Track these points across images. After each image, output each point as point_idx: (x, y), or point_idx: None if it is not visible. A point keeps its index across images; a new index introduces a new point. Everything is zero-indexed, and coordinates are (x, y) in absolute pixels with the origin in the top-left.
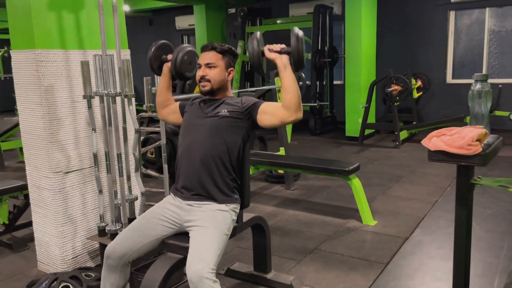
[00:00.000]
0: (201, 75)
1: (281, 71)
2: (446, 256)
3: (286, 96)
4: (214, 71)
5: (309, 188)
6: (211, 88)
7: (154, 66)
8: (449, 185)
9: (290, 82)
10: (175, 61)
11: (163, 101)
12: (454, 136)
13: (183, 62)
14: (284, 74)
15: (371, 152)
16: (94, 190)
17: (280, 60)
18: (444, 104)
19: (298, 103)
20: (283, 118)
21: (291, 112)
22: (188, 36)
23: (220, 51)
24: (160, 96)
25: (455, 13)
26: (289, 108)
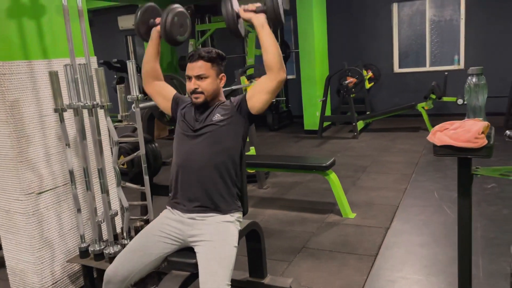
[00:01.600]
0: (192, 88)
1: (259, 30)
2: (427, 243)
3: (267, 56)
4: (206, 82)
5: (281, 186)
6: (205, 99)
7: (141, 31)
8: (413, 172)
9: (269, 41)
10: (164, 24)
11: (151, 70)
12: (458, 130)
13: (174, 25)
14: (263, 33)
15: (331, 144)
16: (70, 209)
17: (257, 19)
18: (392, 93)
19: (280, 61)
20: (269, 84)
21: (274, 73)
22: (132, 37)
23: (208, 59)
24: (148, 63)
25: (398, 5)
26: (271, 68)
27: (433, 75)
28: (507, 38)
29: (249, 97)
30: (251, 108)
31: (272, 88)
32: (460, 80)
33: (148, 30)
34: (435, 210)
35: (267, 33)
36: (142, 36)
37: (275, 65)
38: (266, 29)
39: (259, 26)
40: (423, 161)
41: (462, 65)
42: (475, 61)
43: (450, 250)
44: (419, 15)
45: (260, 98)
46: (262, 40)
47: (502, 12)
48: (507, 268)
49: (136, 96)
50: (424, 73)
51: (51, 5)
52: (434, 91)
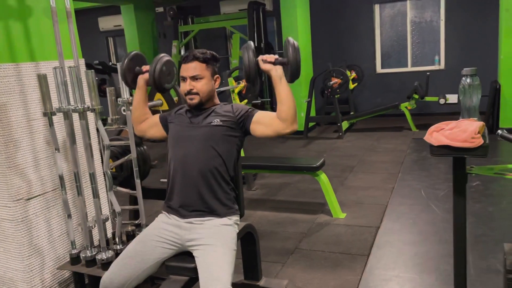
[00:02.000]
0: (188, 89)
1: (276, 83)
2: (417, 241)
3: (282, 108)
4: (201, 82)
5: (270, 187)
6: (200, 101)
7: (128, 79)
8: (399, 171)
9: (286, 94)
10: (153, 73)
11: (140, 116)
12: (454, 130)
13: (162, 73)
14: (280, 86)
15: (317, 144)
16: (59, 215)
17: (275, 72)
18: (375, 93)
19: (294, 115)
20: (278, 129)
21: (287, 124)
22: (113, 38)
23: (203, 60)
24: (137, 110)
25: (380, 6)
26: (286, 120)
27: (415, 75)
28: (485, 39)
29: (255, 121)
30: (252, 130)
31: (280, 133)
32: (441, 80)
33: (134, 78)
34: (423, 208)
35: (284, 85)
36: (129, 83)
37: (290, 118)
38: (283, 82)
39: (277, 79)
40: (408, 160)
41: (443, 66)
42: (455, 61)
43: (440, 247)
44: (400, 16)
45: (264, 131)
46: (278, 92)
47: (480, 14)
48: (497, 265)
49: (127, 99)
50: (406, 73)
51: (38, 6)
52: (416, 91)
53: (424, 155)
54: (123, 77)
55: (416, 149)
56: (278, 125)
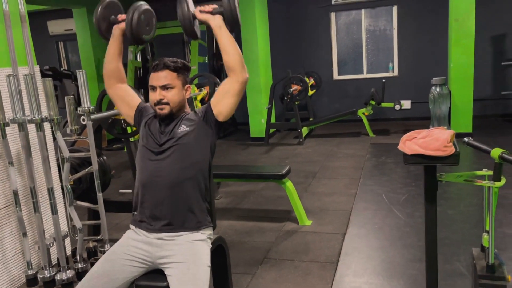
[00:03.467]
0: (157, 99)
1: (216, 32)
2: (383, 247)
3: (227, 57)
4: (171, 92)
5: (234, 195)
6: (170, 111)
7: (102, 28)
8: (360, 176)
9: (228, 42)
10: (130, 22)
11: (114, 71)
12: (427, 139)
13: (140, 23)
14: (221, 35)
15: (278, 151)
16: (13, 233)
17: (214, 21)
18: (332, 99)
19: (241, 61)
20: (233, 87)
21: (237, 74)
22: (64, 42)
23: (174, 69)
24: (110, 63)
25: (336, 14)
26: (234, 69)
27: (370, 82)
28: (436, 47)
29: (214, 104)
30: (218, 114)
31: (237, 90)
32: (395, 87)
33: (109, 27)
34: (387, 214)
35: (225, 34)
36: (103, 33)
37: (237, 66)
38: (224, 30)
39: (217, 28)
40: (368, 165)
41: (396, 73)
42: (407, 68)
43: (406, 252)
44: (355, 24)
45: (226, 103)
46: (220, 41)
47: (431, 23)
48: (461, 268)
49: (87, 108)
50: (362, 80)
51: None
52: (373, 98)
53: (383, 160)
54: (97, 26)
55: (375, 154)
56: (230, 84)
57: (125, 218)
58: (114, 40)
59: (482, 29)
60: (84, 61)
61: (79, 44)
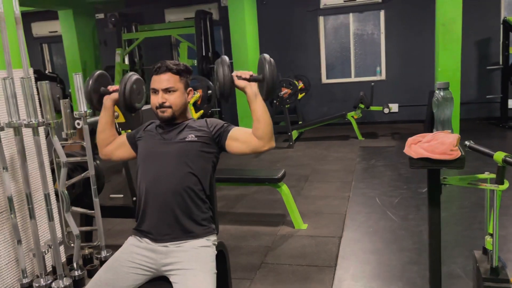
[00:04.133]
0: (160, 102)
1: (251, 100)
2: (379, 250)
3: (258, 126)
4: (174, 95)
5: (227, 199)
6: (173, 114)
7: (94, 101)
8: (352, 179)
9: (261, 111)
10: (123, 93)
11: (107, 138)
12: (432, 143)
13: (132, 93)
14: (255, 103)
15: (269, 154)
16: (6, 240)
17: (250, 89)
18: (321, 103)
19: (271, 132)
20: (255, 147)
21: (264, 142)
22: (49, 45)
23: (177, 72)
24: (103, 133)
25: (324, 18)
26: (263, 138)
27: (358, 85)
28: (422, 50)
29: (231, 137)
30: (228, 147)
31: (257, 150)
32: (383, 90)
33: (100, 99)
34: (381, 217)
35: (259, 102)
36: (95, 105)
37: (267, 136)
38: (259, 99)
39: (252, 96)
40: (359, 168)
41: (384, 76)
42: (395, 72)
43: (402, 255)
44: (343, 28)
45: (240, 148)
46: (254, 110)
47: (418, 27)
48: (458, 270)
49: (84, 112)
50: (350, 83)
51: None
52: (362, 101)
53: (373, 163)
54: (88, 99)
55: (365, 157)
56: (255, 143)
57: (118, 223)
58: (106, 111)
59: (468, 34)
60: (70, 64)
61: (65, 46)
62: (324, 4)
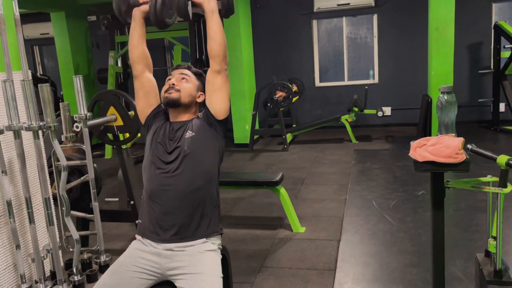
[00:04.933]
0: (171, 83)
1: (208, 16)
2: (379, 253)
3: (213, 44)
4: (186, 84)
5: (224, 202)
6: (178, 98)
7: (122, 10)
8: (348, 182)
9: (217, 29)
10: (154, 5)
11: (140, 55)
12: (437, 146)
13: (164, 6)
14: (211, 20)
15: (264, 157)
16: (4, 245)
17: (208, 5)
18: (314, 106)
19: (225, 50)
20: (217, 80)
21: (218, 63)
22: (40, 47)
23: (195, 72)
24: (136, 48)
25: (317, 22)
26: (217, 56)
27: (351, 88)
28: (414, 54)
29: (208, 104)
30: (215, 113)
31: (220, 82)
32: (376, 93)
33: (129, 9)
34: (378, 219)
35: (217, 20)
36: (123, 15)
37: (221, 54)
38: (216, 16)
39: (210, 12)
40: (355, 171)
41: (377, 80)
42: (387, 75)
43: (402, 257)
44: (337, 32)
45: (216, 98)
46: (210, 27)
47: (410, 31)
48: (457, 272)
49: (84, 115)
50: (343, 87)
51: None
52: (356, 104)
53: (369, 166)
54: (117, 8)
55: (360, 160)
56: (212, 78)
57: (114, 227)
58: (136, 23)
59: (460, 38)
60: (63, 66)
61: (57, 48)
62: (318, 8)
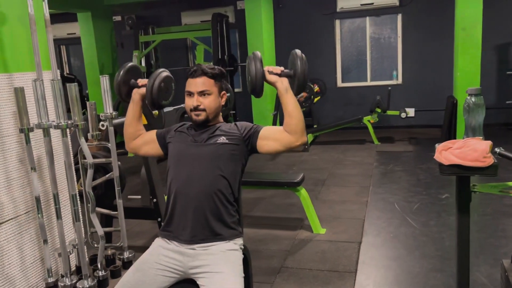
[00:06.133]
0: (194, 105)
1: (282, 95)
2: (401, 256)
3: (291, 121)
4: (209, 99)
5: (245, 202)
6: (207, 117)
7: (122, 93)
8: (370, 184)
9: (293, 106)
10: (151, 90)
11: (134, 132)
12: (464, 149)
13: (161, 90)
14: (286, 98)
15: (284, 157)
16: (32, 240)
17: (281, 84)
18: (336, 107)
19: (303, 126)
20: (288, 143)
21: (296, 137)
22: (66, 46)
23: (212, 76)
24: (131, 127)
25: (340, 22)
26: (295, 133)
27: (374, 89)
28: (440, 55)
29: (262, 137)
30: (259, 147)
31: (290, 146)
32: (399, 94)
33: (129, 91)
34: (401, 223)
35: (290, 97)
36: (123, 97)
37: (299, 130)
38: (290, 94)
39: (283, 91)
40: (377, 173)
41: (400, 80)
42: (411, 76)
43: (425, 262)
44: (360, 32)
45: (273, 146)
46: (285, 104)
47: (436, 31)
48: (483, 279)
49: (110, 114)
50: (366, 87)
51: (12, 14)
52: (379, 105)
53: (391, 168)
54: (118, 90)
55: (382, 162)
56: (287, 139)
57: (136, 224)
58: (134, 104)
59: (488, 38)
60: (88, 65)
61: (83, 48)
62: (341, 8)
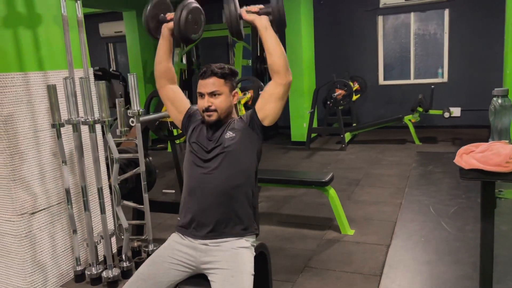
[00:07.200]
0: (205, 106)
1: (262, 33)
2: (431, 261)
3: (272, 59)
4: (219, 99)
5: (275, 200)
6: (218, 118)
7: (150, 27)
8: (406, 185)
9: (274, 43)
10: (178, 21)
11: (164, 71)
12: (486, 153)
13: (188, 22)
14: (266, 36)
15: (320, 156)
16: (64, 229)
17: (260, 21)
18: (377, 105)
19: (286, 63)
20: (278, 90)
21: (281, 76)
22: (114, 44)
23: (221, 76)
24: (161, 64)
25: (383, 18)
26: (278, 70)
27: (417, 87)
28: (489, 52)
29: (259, 109)
30: (263, 119)
31: (281, 94)
32: (444, 93)
33: (158, 26)
34: (434, 226)
35: (271, 35)
36: (151, 32)
37: (282, 68)
38: (270, 32)
39: (263, 29)
40: (415, 174)
41: (446, 78)
42: (458, 74)
43: (456, 268)
44: (404, 28)
45: (271, 107)
46: (266, 42)
47: (485, 27)
48: None
49: (137, 111)
50: (409, 85)
51: (48, 14)
52: (421, 104)
53: (431, 169)
54: (146, 24)
55: (422, 163)
56: (274, 87)
57: (168, 218)
58: (163, 39)
59: None
60: (132, 63)
61: (128, 45)
62: (384, 4)
